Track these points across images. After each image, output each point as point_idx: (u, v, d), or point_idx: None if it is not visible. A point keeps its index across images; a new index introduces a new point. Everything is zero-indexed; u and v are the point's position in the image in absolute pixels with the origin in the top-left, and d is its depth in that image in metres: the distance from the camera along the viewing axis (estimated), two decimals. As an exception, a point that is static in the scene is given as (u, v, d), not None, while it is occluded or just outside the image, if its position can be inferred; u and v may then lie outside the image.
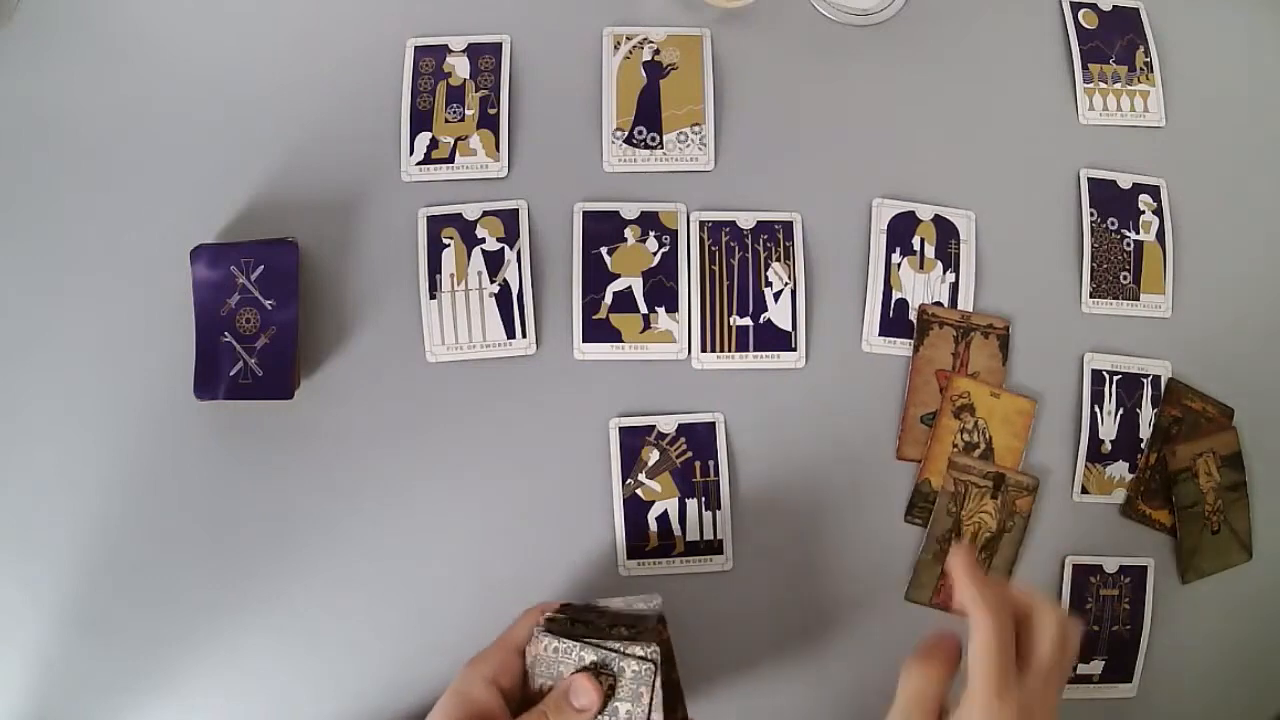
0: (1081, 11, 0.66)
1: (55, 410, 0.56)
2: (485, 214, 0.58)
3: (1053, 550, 0.58)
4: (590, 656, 0.43)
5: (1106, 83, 0.65)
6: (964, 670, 0.38)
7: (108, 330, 0.56)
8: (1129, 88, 0.65)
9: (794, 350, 0.58)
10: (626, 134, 0.60)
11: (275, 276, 0.54)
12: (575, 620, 0.45)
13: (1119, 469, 0.60)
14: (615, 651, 0.42)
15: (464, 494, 0.56)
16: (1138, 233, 0.63)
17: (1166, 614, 0.59)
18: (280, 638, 0.54)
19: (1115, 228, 0.62)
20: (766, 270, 0.59)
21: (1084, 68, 0.65)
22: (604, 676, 0.42)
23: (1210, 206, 0.64)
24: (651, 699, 0.42)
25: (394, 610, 0.55)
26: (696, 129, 0.60)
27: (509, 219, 0.58)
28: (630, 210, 0.59)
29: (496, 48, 0.61)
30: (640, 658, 0.42)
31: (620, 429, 0.56)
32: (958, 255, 0.61)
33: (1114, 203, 0.63)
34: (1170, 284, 0.62)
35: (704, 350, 0.58)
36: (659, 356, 0.58)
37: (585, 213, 0.59)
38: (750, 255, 0.59)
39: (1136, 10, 0.66)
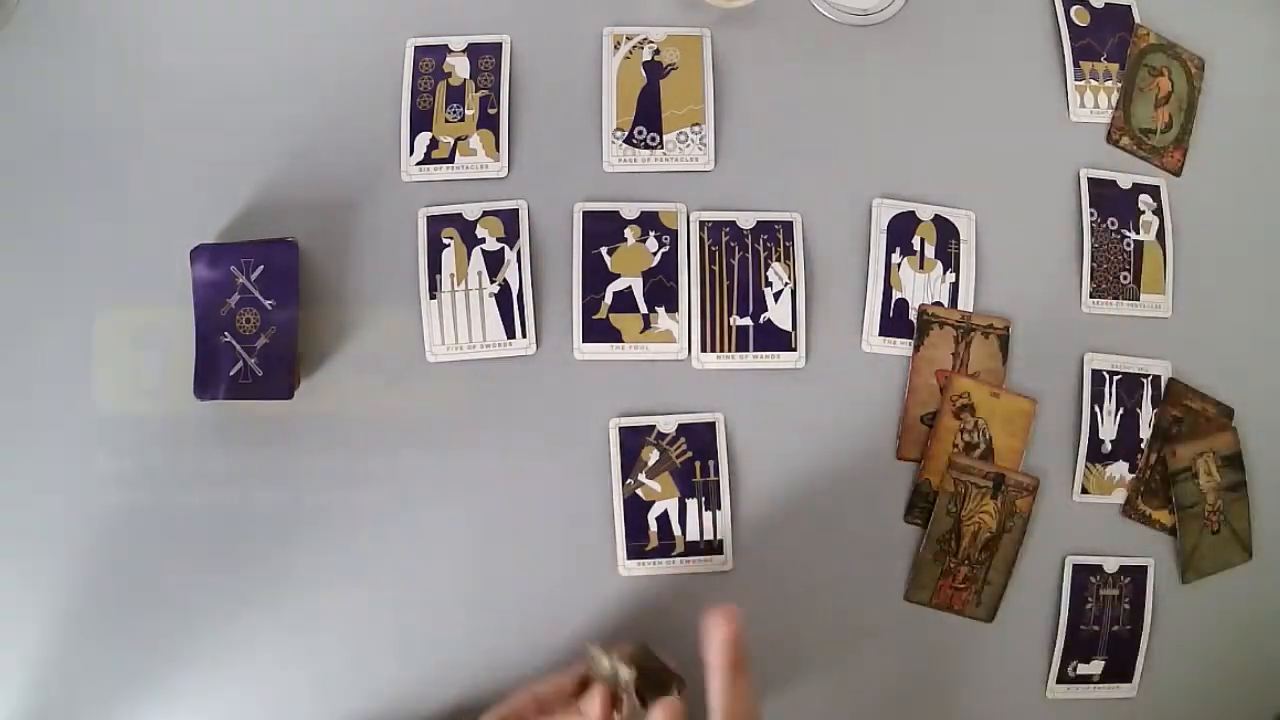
0: (1073, 8, 0.66)
1: (55, 410, 0.56)
2: (485, 214, 0.58)
3: (1053, 550, 0.58)
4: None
5: (1100, 81, 0.65)
6: None
7: (108, 330, 0.56)
8: (1129, 88, 0.65)
9: (794, 350, 0.58)
10: (626, 134, 0.60)
11: (275, 276, 0.54)
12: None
13: (1119, 469, 0.60)
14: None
15: (464, 494, 0.56)
16: (1138, 233, 0.63)
17: (1166, 614, 0.59)
18: (280, 638, 0.54)
19: (1115, 228, 0.62)
20: (766, 270, 0.59)
21: (1074, 64, 0.64)
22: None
23: (1210, 206, 0.64)
24: None
25: (394, 610, 0.55)
26: (696, 129, 0.60)
27: (509, 219, 0.58)
28: (630, 210, 0.59)
29: (496, 48, 0.61)
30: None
31: (620, 429, 0.56)
32: (958, 255, 0.61)
33: (1114, 203, 0.63)
34: (1170, 284, 0.62)
35: (704, 350, 0.58)
36: (659, 356, 0.58)
37: (585, 213, 0.59)
38: (750, 255, 0.59)
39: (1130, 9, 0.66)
